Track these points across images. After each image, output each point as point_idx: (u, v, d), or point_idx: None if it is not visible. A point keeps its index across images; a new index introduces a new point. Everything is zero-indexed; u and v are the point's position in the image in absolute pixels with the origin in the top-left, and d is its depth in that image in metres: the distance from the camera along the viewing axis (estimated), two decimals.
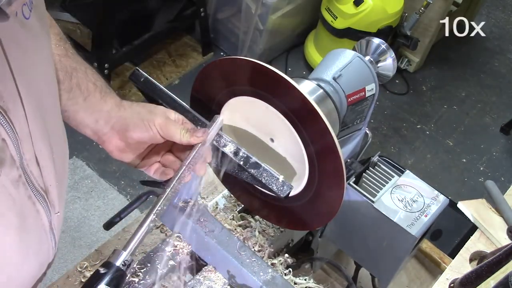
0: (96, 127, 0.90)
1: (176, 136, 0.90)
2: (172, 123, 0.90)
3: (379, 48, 1.21)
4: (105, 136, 0.91)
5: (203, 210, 1.13)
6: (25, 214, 0.70)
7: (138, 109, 0.92)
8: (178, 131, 0.90)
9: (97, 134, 0.91)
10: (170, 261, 1.10)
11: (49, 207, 0.76)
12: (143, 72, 0.99)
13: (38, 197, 0.72)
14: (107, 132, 0.91)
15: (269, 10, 2.89)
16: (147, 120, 0.89)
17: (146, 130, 0.89)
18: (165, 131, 0.90)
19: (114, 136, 0.91)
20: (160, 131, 0.90)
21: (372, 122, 3.02)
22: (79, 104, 0.89)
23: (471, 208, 1.28)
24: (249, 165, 0.92)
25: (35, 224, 0.74)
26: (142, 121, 0.90)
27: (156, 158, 0.97)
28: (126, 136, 0.90)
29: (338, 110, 1.08)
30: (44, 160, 0.72)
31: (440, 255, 1.40)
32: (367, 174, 1.20)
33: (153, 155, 0.97)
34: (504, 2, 4.00)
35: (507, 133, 3.14)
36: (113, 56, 2.70)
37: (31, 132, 0.67)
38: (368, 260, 1.27)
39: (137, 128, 0.90)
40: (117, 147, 0.92)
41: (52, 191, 0.75)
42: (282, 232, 1.22)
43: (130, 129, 0.90)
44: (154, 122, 0.89)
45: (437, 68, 3.44)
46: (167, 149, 0.97)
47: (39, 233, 0.76)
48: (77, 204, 2.44)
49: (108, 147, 0.93)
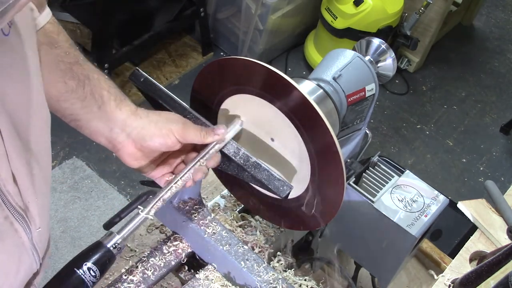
0: (111, 135, 0.89)
1: (197, 138, 0.90)
2: (190, 126, 0.90)
3: (379, 48, 1.21)
4: (120, 145, 0.90)
5: (203, 210, 1.13)
6: (2, 236, 0.69)
7: (156, 118, 0.91)
8: (198, 132, 0.90)
9: (112, 143, 0.91)
10: (170, 261, 1.10)
11: (29, 225, 0.74)
12: (143, 72, 0.99)
13: (16, 216, 0.70)
14: (122, 140, 0.90)
15: (269, 10, 2.89)
16: (166, 129, 0.89)
17: (164, 139, 0.89)
18: (184, 136, 0.89)
19: (129, 144, 0.90)
20: (179, 137, 0.89)
21: (372, 122, 3.02)
22: (93, 112, 0.88)
23: (471, 208, 1.28)
24: (249, 165, 0.92)
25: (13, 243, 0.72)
26: (161, 130, 0.89)
27: (169, 168, 0.96)
28: (143, 146, 0.90)
29: (338, 110, 1.08)
30: (22, 177, 0.70)
31: (440, 255, 1.40)
32: (367, 174, 1.20)
33: (166, 165, 0.96)
34: (504, 2, 4.00)
35: (507, 133, 3.14)
36: (113, 56, 2.70)
37: (7, 151, 0.66)
38: (368, 260, 1.27)
39: (155, 137, 0.89)
40: (132, 156, 0.91)
41: (32, 208, 0.74)
42: (282, 232, 1.22)
43: (148, 139, 0.89)
44: (172, 130, 0.89)
45: (437, 68, 3.44)
46: (180, 160, 0.97)
47: (19, 252, 0.75)
48: (77, 204, 2.44)
49: (123, 156, 0.92)
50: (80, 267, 0.81)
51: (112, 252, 0.84)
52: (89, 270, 0.81)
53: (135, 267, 1.07)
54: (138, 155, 0.91)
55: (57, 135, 2.56)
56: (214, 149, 0.92)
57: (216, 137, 0.91)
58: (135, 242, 1.22)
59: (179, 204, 1.13)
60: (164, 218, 1.16)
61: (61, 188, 2.47)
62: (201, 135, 0.90)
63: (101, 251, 0.83)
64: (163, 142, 0.89)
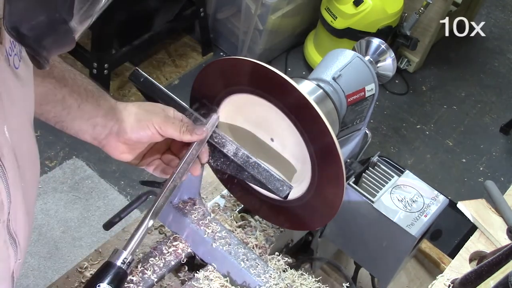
0: (94, 132, 0.90)
1: (175, 134, 0.90)
2: (171, 121, 0.90)
3: (378, 48, 1.21)
4: (104, 140, 0.91)
5: (202, 210, 1.13)
6: None
7: (134, 110, 0.91)
8: (178, 128, 0.90)
9: (97, 139, 0.91)
10: (170, 261, 1.10)
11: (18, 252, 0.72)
12: (142, 72, 0.99)
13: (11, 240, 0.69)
14: (106, 136, 0.91)
15: (269, 10, 2.89)
16: (145, 120, 0.89)
17: (144, 131, 0.89)
18: (164, 129, 0.90)
19: (113, 139, 0.91)
20: (159, 130, 0.90)
21: (372, 122, 3.02)
22: (73, 112, 0.88)
23: (470, 208, 1.28)
24: (249, 165, 0.92)
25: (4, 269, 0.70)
26: (140, 121, 0.90)
27: (157, 155, 0.97)
28: (125, 138, 0.90)
29: (337, 110, 1.08)
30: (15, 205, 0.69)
31: (440, 255, 1.40)
32: (366, 174, 1.20)
33: (153, 153, 0.97)
34: (504, 2, 4.00)
35: (507, 133, 3.14)
36: (113, 56, 2.70)
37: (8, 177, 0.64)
38: (368, 260, 1.27)
39: (135, 130, 0.90)
40: (117, 149, 0.92)
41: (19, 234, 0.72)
42: (282, 232, 1.22)
43: (128, 131, 0.90)
44: (152, 122, 0.89)
45: (437, 68, 3.44)
46: (167, 147, 0.98)
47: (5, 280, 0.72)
48: (78, 204, 2.44)
49: (109, 150, 0.93)
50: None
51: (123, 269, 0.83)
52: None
53: (135, 267, 1.07)
54: (123, 148, 0.92)
55: (57, 135, 2.56)
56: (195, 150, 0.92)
57: (195, 137, 0.91)
58: None
59: (179, 204, 1.13)
60: (164, 218, 1.16)
61: (61, 188, 2.47)
62: (181, 131, 0.90)
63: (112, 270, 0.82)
64: (143, 134, 0.90)
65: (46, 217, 2.37)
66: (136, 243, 0.86)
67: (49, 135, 2.56)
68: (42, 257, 2.25)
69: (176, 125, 0.90)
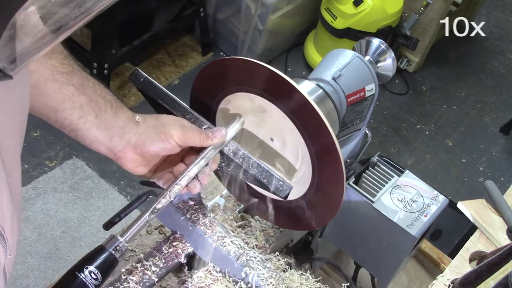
0: (111, 144, 0.89)
1: (196, 141, 0.90)
2: (189, 130, 0.90)
3: (378, 48, 1.21)
4: (120, 153, 0.90)
5: (202, 210, 1.13)
6: None
7: (153, 123, 0.90)
8: (197, 135, 0.90)
9: (112, 151, 0.90)
10: (170, 261, 1.10)
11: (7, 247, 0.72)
12: (142, 72, 0.99)
13: None
14: (122, 148, 0.90)
15: (269, 10, 2.89)
16: (164, 133, 0.89)
17: (164, 144, 0.89)
18: (184, 140, 0.89)
19: (129, 151, 0.90)
20: (179, 141, 0.89)
21: (372, 122, 3.02)
22: (91, 121, 0.87)
23: (470, 208, 1.28)
24: (249, 165, 0.92)
25: None
26: (159, 134, 0.89)
27: (169, 168, 0.96)
28: (143, 151, 0.90)
29: (337, 110, 1.08)
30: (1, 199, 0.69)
31: (440, 255, 1.40)
32: (366, 174, 1.20)
33: (166, 166, 0.96)
34: (504, 2, 4.00)
35: (507, 133, 3.14)
36: (113, 56, 2.70)
37: None
38: (368, 260, 1.27)
39: (155, 143, 0.89)
40: (133, 162, 0.91)
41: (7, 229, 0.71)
42: (282, 232, 1.22)
43: (148, 145, 0.89)
44: (171, 134, 0.89)
45: (437, 68, 3.44)
46: (179, 159, 0.97)
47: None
48: (78, 204, 2.44)
49: (124, 163, 0.91)
50: (82, 271, 0.81)
51: (113, 255, 0.84)
52: (91, 274, 0.81)
53: (135, 267, 1.07)
54: (139, 161, 0.91)
55: (57, 135, 2.56)
56: (213, 151, 0.92)
57: (215, 140, 0.91)
58: (134, 243, 1.22)
59: (179, 204, 1.13)
60: (164, 218, 1.16)
61: (61, 188, 2.47)
62: (201, 138, 0.90)
63: (103, 254, 0.83)
64: (163, 146, 0.89)
65: (46, 217, 2.37)
66: (133, 233, 0.86)
67: (49, 135, 2.56)
68: (42, 257, 2.25)
69: (195, 133, 0.90)
